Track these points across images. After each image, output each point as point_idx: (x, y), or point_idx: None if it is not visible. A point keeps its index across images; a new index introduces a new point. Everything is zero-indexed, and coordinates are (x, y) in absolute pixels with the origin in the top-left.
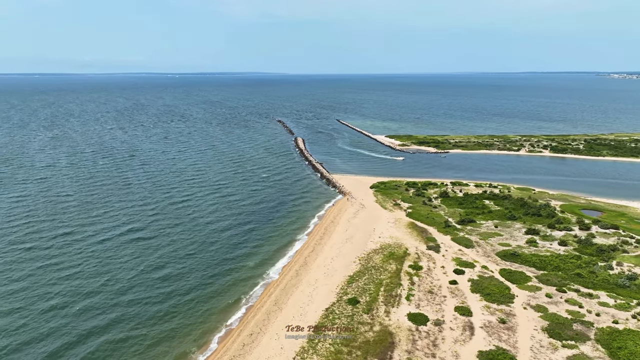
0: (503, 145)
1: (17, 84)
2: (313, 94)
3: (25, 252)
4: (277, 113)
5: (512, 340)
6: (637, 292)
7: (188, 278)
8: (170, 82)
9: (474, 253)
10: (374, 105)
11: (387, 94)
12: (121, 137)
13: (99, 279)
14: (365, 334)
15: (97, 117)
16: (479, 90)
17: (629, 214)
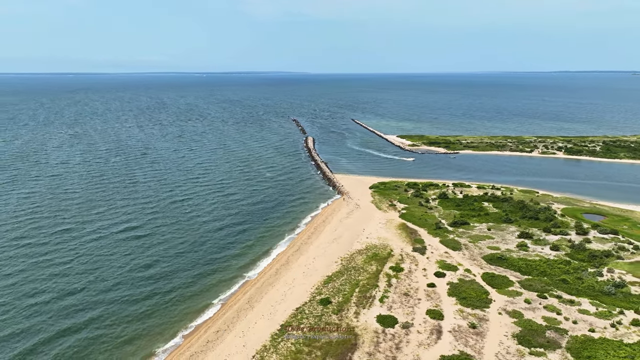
0: (516, 147)
1: (49, 84)
2: (332, 93)
3: (22, 248)
4: (294, 112)
5: (478, 346)
6: (622, 300)
7: (172, 277)
8: (196, 82)
9: (460, 256)
10: (392, 105)
11: (406, 93)
12: (137, 135)
13: (87, 276)
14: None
15: (119, 115)
16: (502, 91)
17: (634, 219)
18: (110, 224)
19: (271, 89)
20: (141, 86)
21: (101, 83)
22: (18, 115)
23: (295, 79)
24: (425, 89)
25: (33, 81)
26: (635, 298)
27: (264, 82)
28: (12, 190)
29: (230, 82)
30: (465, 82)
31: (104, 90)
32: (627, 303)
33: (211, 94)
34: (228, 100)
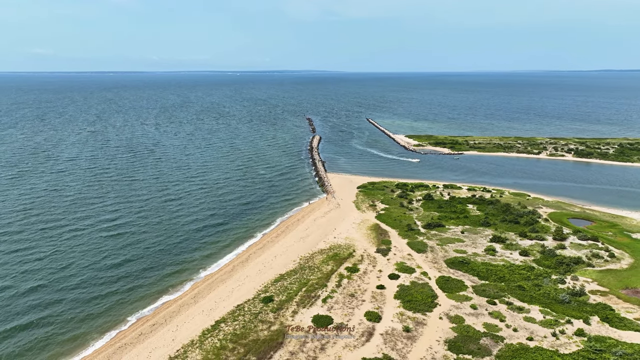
0: (524, 148)
1: (89, 82)
2: (360, 92)
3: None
4: (312, 111)
5: (405, 350)
6: (575, 309)
7: (134, 275)
8: (228, 80)
9: (422, 258)
10: (415, 104)
11: (437, 92)
12: (151, 133)
13: (55, 271)
14: (260, 333)
15: (141, 113)
16: (539, 90)
17: (622, 226)
18: (95, 221)
19: (299, 87)
20: (175, 84)
21: (139, 81)
22: (48, 113)
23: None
24: (459, 88)
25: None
26: (590, 307)
27: (294, 80)
28: (14, 185)
29: (261, 80)
30: (503, 81)
31: (138, 89)
32: (579, 312)
33: (238, 93)
34: (252, 99)
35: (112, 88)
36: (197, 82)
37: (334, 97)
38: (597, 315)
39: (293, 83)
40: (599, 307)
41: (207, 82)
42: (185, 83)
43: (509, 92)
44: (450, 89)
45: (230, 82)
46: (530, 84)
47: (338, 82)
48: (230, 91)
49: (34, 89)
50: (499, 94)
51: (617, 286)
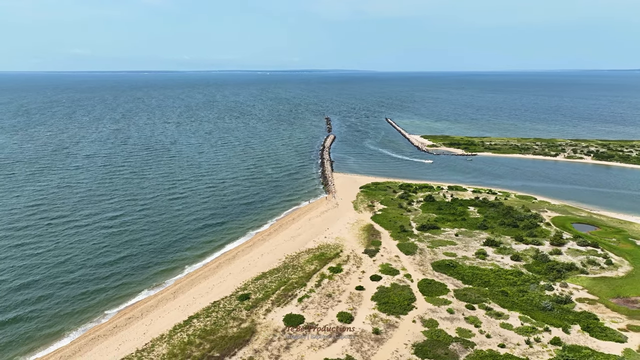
0: (541, 150)
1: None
2: (385, 92)
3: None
4: (333, 110)
5: (370, 352)
6: (556, 317)
7: (124, 269)
8: (257, 79)
9: (409, 260)
10: (440, 104)
11: (465, 92)
12: (170, 132)
13: (50, 264)
14: (229, 329)
15: (165, 112)
16: (573, 90)
17: (628, 232)
18: (99, 218)
19: (326, 87)
20: (204, 84)
21: (170, 80)
22: (77, 111)
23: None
24: (489, 88)
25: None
26: (573, 316)
27: (323, 80)
28: (30, 181)
29: (289, 80)
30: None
31: (167, 88)
32: (560, 320)
33: (264, 92)
34: (276, 98)
35: (142, 87)
36: (226, 81)
37: (358, 96)
38: (579, 324)
39: (320, 82)
40: (583, 315)
41: (235, 81)
42: (214, 82)
43: (541, 92)
44: (480, 88)
45: (259, 81)
46: (565, 83)
47: (366, 81)
48: (257, 90)
49: (70, 87)
50: (529, 94)
51: (608, 294)
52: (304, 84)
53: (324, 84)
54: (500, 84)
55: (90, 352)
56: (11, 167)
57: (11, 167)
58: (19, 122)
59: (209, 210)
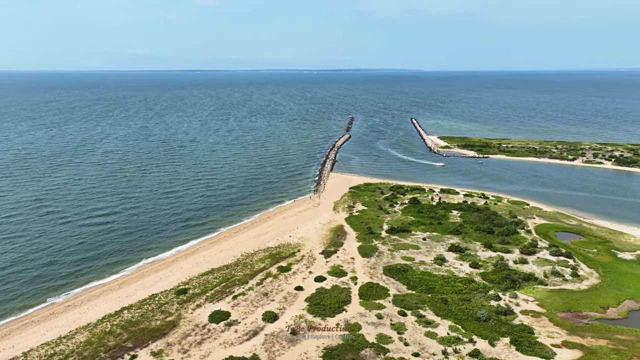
0: (559, 153)
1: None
2: (425, 91)
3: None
4: (362, 110)
5: (278, 353)
6: (489, 328)
7: (90, 259)
8: (302, 78)
9: (363, 263)
10: (477, 105)
11: (511, 92)
12: (193, 130)
13: (27, 252)
14: (153, 322)
15: (197, 110)
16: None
17: (614, 243)
18: (88, 212)
19: (367, 86)
20: (247, 83)
21: (218, 79)
22: (116, 109)
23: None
24: (540, 88)
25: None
26: (506, 328)
27: (367, 79)
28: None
29: (335, 79)
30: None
31: (210, 86)
32: (490, 332)
33: (303, 91)
34: (312, 97)
35: (187, 86)
36: (270, 80)
37: (395, 96)
38: (510, 336)
39: (363, 82)
40: (518, 328)
41: (279, 80)
42: (258, 81)
43: (593, 92)
44: (528, 88)
45: (303, 80)
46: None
47: (410, 81)
48: (296, 90)
49: (121, 86)
50: (579, 95)
51: (558, 308)
52: (346, 84)
53: (367, 83)
54: (553, 83)
55: (18, 336)
56: (34, 161)
57: (34, 160)
58: (60, 119)
59: (193, 208)
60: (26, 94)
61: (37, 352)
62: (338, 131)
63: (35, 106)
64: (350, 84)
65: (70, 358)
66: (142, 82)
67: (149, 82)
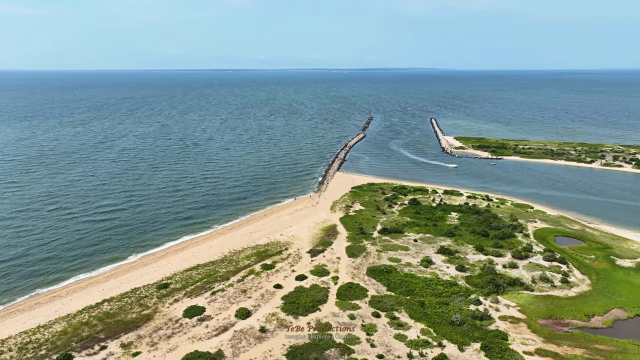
0: (577, 156)
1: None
2: (452, 91)
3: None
4: (383, 109)
5: (244, 349)
6: (462, 333)
7: (87, 254)
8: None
9: (348, 263)
10: (503, 104)
11: (540, 92)
12: (210, 129)
13: (29, 245)
14: (129, 315)
15: (219, 109)
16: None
17: (615, 249)
18: (94, 208)
19: (394, 85)
20: (274, 82)
21: (246, 78)
22: (142, 107)
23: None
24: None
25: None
26: (480, 333)
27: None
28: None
29: (363, 78)
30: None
31: (236, 85)
32: (461, 337)
33: (328, 90)
34: (335, 97)
35: (215, 85)
36: (297, 80)
37: (421, 96)
38: (482, 342)
39: (391, 81)
40: (492, 334)
41: (307, 80)
42: (286, 81)
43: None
44: (560, 88)
45: (330, 80)
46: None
47: (440, 80)
48: (321, 89)
49: (150, 85)
50: (614, 95)
51: (539, 314)
52: (373, 83)
53: (394, 82)
54: (587, 83)
55: (1, 324)
56: (54, 157)
57: (54, 157)
58: (87, 117)
59: (194, 207)
60: (60, 92)
61: (14, 340)
62: (354, 131)
63: (67, 104)
64: (377, 83)
65: (43, 346)
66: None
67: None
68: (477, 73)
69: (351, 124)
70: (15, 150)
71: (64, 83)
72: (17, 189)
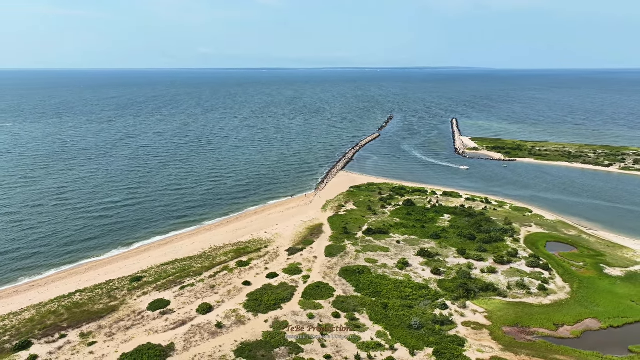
0: (594, 159)
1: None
2: (483, 90)
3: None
4: (407, 108)
5: (195, 344)
6: (418, 337)
7: (75, 244)
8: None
9: (323, 262)
10: (532, 105)
11: (577, 92)
12: (229, 127)
13: (20, 235)
14: (96, 305)
15: (242, 108)
16: None
17: (607, 257)
18: (98, 204)
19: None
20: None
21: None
22: (168, 105)
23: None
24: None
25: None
26: (436, 338)
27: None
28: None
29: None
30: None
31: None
32: (416, 341)
33: (356, 90)
34: (362, 96)
35: (244, 84)
36: (328, 79)
37: (450, 95)
38: (436, 347)
39: (424, 81)
40: (449, 340)
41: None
42: (316, 80)
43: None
44: (599, 88)
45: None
46: None
47: (474, 79)
48: (350, 88)
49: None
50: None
51: (506, 321)
52: (403, 82)
53: (426, 82)
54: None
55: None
56: (74, 153)
57: (74, 152)
58: (114, 114)
59: (192, 204)
60: (96, 90)
61: None
62: (371, 130)
63: (99, 102)
64: (408, 82)
65: (8, 333)
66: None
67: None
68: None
69: (370, 124)
70: (40, 145)
71: (101, 82)
72: (29, 183)
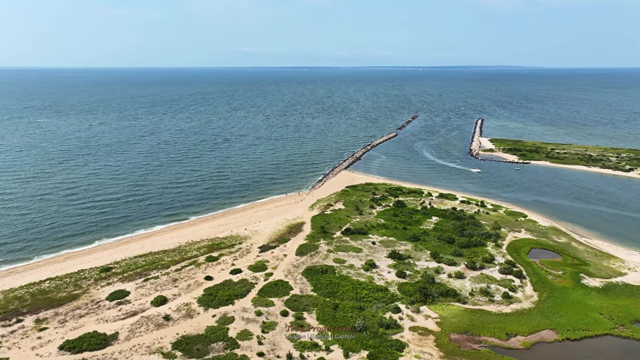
0: (615, 163)
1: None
2: (523, 90)
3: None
4: (435, 108)
5: (139, 334)
6: (358, 339)
7: (64, 234)
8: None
9: (290, 261)
10: (573, 105)
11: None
12: (249, 125)
13: (19, 226)
14: (60, 294)
15: (269, 106)
16: None
17: (590, 266)
18: (100, 198)
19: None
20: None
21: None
22: (197, 103)
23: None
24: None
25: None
26: (376, 342)
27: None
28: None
29: (436, 76)
30: None
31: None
32: (354, 343)
33: (391, 89)
34: (394, 96)
35: (280, 82)
36: (364, 77)
37: (486, 95)
38: (372, 350)
39: (464, 80)
40: (389, 344)
41: (376, 77)
42: (353, 78)
43: None
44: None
45: (401, 77)
46: None
47: (517, 78)
48: (385, 87)
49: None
50: None
51: (457, 329)
52: (443, 81)
53: (466, 80)
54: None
55: None
56: (95, 149)
57: (96, 148)
58: (146, 111)
59: (188, 201)
60: (139, 88)
61: None
62: (391, 130)
63: (136, 99)
64: (447, 81)
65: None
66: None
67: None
68: (562, 71)
69: (391, 124)
70: (66, 140)
71: (147, 79)
72: (43, 177)
